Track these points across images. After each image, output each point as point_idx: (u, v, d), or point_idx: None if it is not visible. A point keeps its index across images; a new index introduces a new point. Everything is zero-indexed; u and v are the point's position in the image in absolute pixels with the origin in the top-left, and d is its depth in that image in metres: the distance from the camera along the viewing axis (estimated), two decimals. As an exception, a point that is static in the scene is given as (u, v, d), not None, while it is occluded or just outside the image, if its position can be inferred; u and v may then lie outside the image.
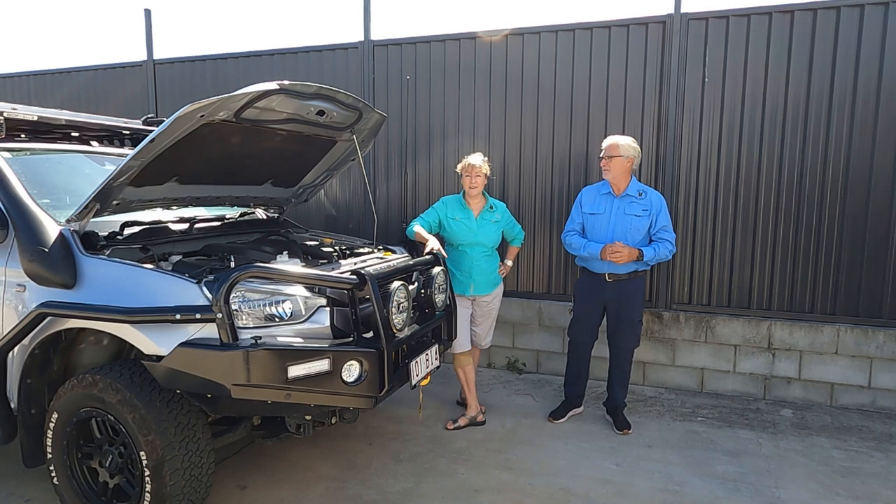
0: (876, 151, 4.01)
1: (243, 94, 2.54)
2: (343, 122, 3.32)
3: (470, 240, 3.78)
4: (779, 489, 3.11)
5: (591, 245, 3.62)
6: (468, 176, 3.76)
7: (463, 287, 3.80)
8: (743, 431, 3.82)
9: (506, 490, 3.09)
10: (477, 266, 3.80)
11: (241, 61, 5.59)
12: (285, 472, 3.26)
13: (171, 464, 2.41)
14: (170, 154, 2.63)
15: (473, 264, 3.79)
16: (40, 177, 3.00)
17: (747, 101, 4.24)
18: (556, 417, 3.95)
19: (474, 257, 3.79)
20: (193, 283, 2.41)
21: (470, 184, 3.76)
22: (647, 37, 4.41)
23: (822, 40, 4.04)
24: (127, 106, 5.91)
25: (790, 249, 4.26)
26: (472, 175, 3.75)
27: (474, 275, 3.80)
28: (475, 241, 3.78)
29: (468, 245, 3.79)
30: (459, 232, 3.79)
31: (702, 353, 4.51)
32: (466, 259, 3.80)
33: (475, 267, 3.80)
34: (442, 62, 4.96)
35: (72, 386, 2.55)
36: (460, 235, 3.79)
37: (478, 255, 3.80)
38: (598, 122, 4.59)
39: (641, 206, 3.63)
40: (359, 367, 2.49)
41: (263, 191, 3.77)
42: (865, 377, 4.16)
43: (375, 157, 5.23)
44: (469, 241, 3.78)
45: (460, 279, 3.80)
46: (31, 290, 2.61)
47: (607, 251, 3.52)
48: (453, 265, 3.81)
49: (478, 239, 3.78)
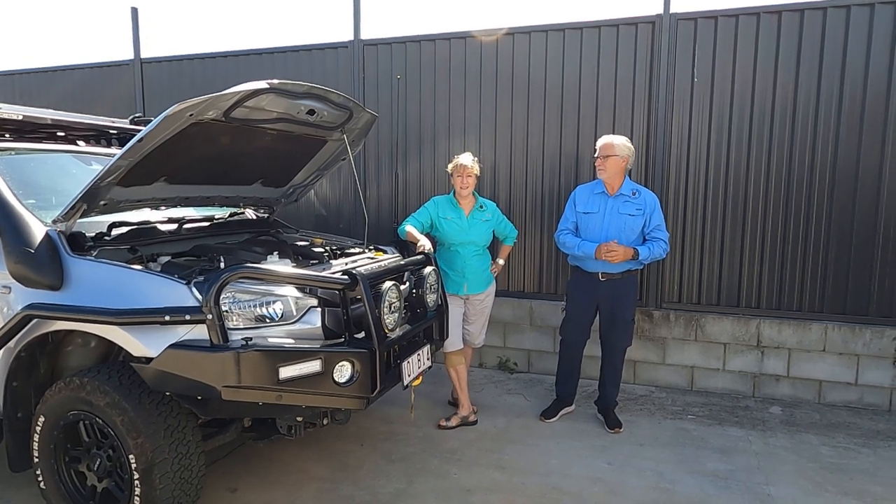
0: (862, 150, 4.06)
1: (233, 93, 2.52)
2: (333, 122, 3.30)
3: (462, 239, 3.78)
4: (769, 486, 3.14)
5: (585, 244, 3.63)
6: (459, 176, 3.76)
7: (456, 286, 3.80)
8: (733, 429, 3.85)
9: (498, 490, 3.09)
10: (469, 265, 3.80)
11: (229, 60, 5.55)
12: (277, 474, 3.24)
13: (160, 467, 2.38)
14: (158, 154, 2.60)
15: (466, 263, 3.80)
16: (25, 177, 2.96)
17: (736, 101, 4.27)
18: (547, 417, 3.95)
19: (466, 256, 3.80)
20: (183, 283, 2.38)
21: (461, 184, 3.76)
22: (637, 37, 4.43)
23: (810, 40, 4.08)
24: (114, 105, 5.85)
25: (778, 248, 4.29)
26: (463, 175, 3.75)
27: (467, 274, 3.80)
28: (467, 241, 3.79)
29: (460, 244, 3.79)
30: (451, 231, 3.79)
31: (692, 352, 4.54)
32: (459, 258, 3.80)
33: (468, 266, 3.80)
34: (432, 62, 4.95)
35: (59, 389, 2.52)
36: (452, 235, 3.79)
37: (470, 254, 3.80)
38: (588, 121, 4.61)
39: (635, 205, 3.64)
40: (350, 368, 2.47)
41: (253, 191, 3.75)
42: (853, 374, 4.21)
43: (366, 156, 5.21)
44: (461, 241, 3.79)
45: (454, 279, 3.80)
46: (17, 292, 2.57)
47: (602, 250, 3.53)
48: (446, 265, 3.81)
49: (470, 238, 3.79)
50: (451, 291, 3.76)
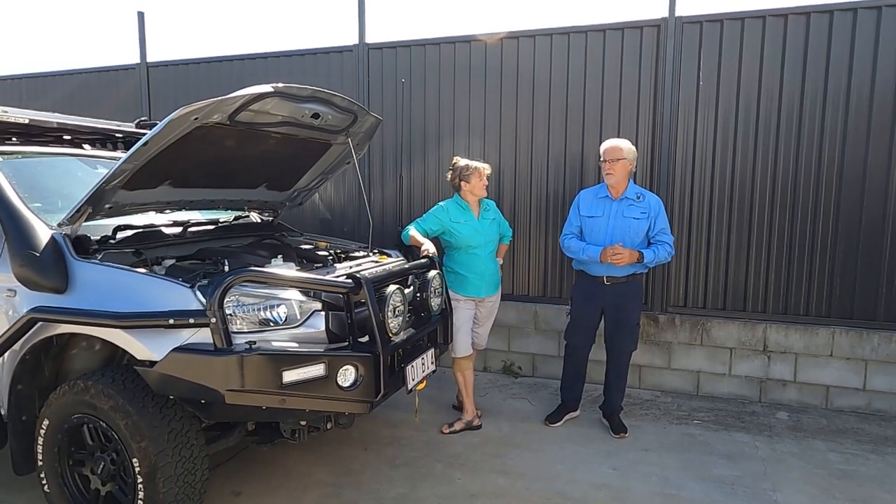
0: (869, 154, 4.03)
1: (237, 96, 2.53)
2: (338, 126, 3.31)
3: (478, 240, 3.76)
4: (776, 492, 3.11)
5: (590, 248, 3.61)
6: (480, 178, 3.75)
7: (476, 289, 3.77)
8: (739, 434, 3.82)
9: (502, 495, 3.08)
10: (488, 266, 3.81)
11: (234, 64, 5.57)
12: (280, 478, 3.23)
13: (164, 471, 2.38)
14: (163, 157, 2.61)
15: (486, 265, 3.79)
16: (32, 180, 2.98)
17: (741, 104, 4.25)
18: (552, 421, 3.93)
19: (484, 258, 3.79)
20: (187, 287, 2.38)
21: (484, 184, 3.77)
22: (642, 40, 4.42)
23: (816, 43, 4.06)
24: (120, 109, 5.87)
25: (785, 252, 4.27)
26: (483, 177, 3.77)
27: (487, 275, 3.80)
28: (483, 241, 3.78)
29: (477, 246, 3.76)
30: (467, 234, 3.75)
31: (697, 356, 4.51)
32: (479, 261, 3.77)
33: (487, 268, 3.80)
34: (437, 65, 4.95)
35: (63, 392, 2.52)
36: (468, 237, 3.75)
37: (486, 255, 3.80)
38: (593, 125, 4.60)
39: (640, 208, 3.63)
40: (354, 372, 2.47)
41: (258, 194, 3.75)
42: (860, 380, 4.17)
43: (370, 160, 5.21)
44: (478, 242, 3.76)
45: (474, 282, 3.76)
46: (22, 295, 2.58)
47: (608, 253, 3.51)
48: (465, 269, 3.76)
49: (485, 238, 3.79)
50: (470, 295, 3.75)
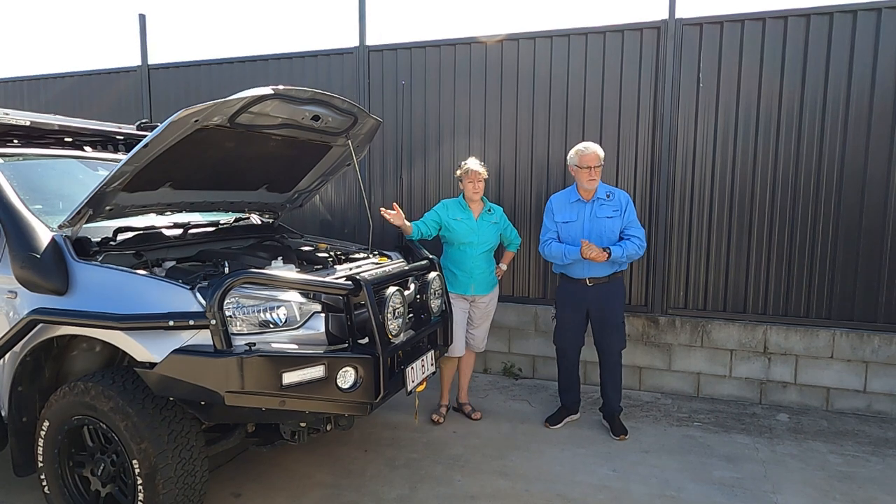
0: (869, 156, 4.03)
1: (238, 99, 2.53)
2: (338, 128, 3.31)
3: (471, 238, 3.84)
4: (776, 494, 3.10)
5: (570, 249, 3.64)
6: (471, 182, 3.82)
7: (464, 287, 3.85)
8: (739, 436, 3.82)
9: (502, 497, 3.07)
10: (477, 265, 3.87)
11: (235, 66, 5.58)
12: (280, 480, 3.23)
13: (164, 472, 2.38)
14: (164, 159, 2.62)
15: (474, 263, 3.86)
16: (32, 182, 2.98)
17: (741, 106, 4.25)
18: (552, 423, 3.93)
19: (475, 256, 3.85)
20: (187, 289, 2.39)
21: (473, 189, 3.83)
22: (642, 42, 4.42)
23: (816, 45, 4.06)
24: (121, 111, 5.89)
25: (785, 253, 4.26)
26: (474, 181, 3.81)
27: (475, 274, 3.86)
28: (476, 240, 3.85)
29: (469, 244, 3.85)
30: (461, 231, 3.84)
31: (698, 358, 4.51)
32: (468, 259, 3.85)
33: (476, 266, 3.86)
34: (437, 67, 4.96)
35: (63, 393, 2.52)
36: (462, 234, 3.84)
37: (477, 254, 3.86)
38: (593, 127, 4.60)
39: (611, 206, 3.69)
40: (354, 374, 2.47)
41: (258, 196, 3.76)
42: (861, 381, 4.17)
43: (371, 162, 5.22)
44: (469, 240, 3.84)
45: (461, 279, 3.85)
46: (23, 297, 2.59)
47: (584, 248, 3.53)
48: (454, 265, 3.87)
49: (478, 238, 3.85)
50: (457, 292, 3.83)
